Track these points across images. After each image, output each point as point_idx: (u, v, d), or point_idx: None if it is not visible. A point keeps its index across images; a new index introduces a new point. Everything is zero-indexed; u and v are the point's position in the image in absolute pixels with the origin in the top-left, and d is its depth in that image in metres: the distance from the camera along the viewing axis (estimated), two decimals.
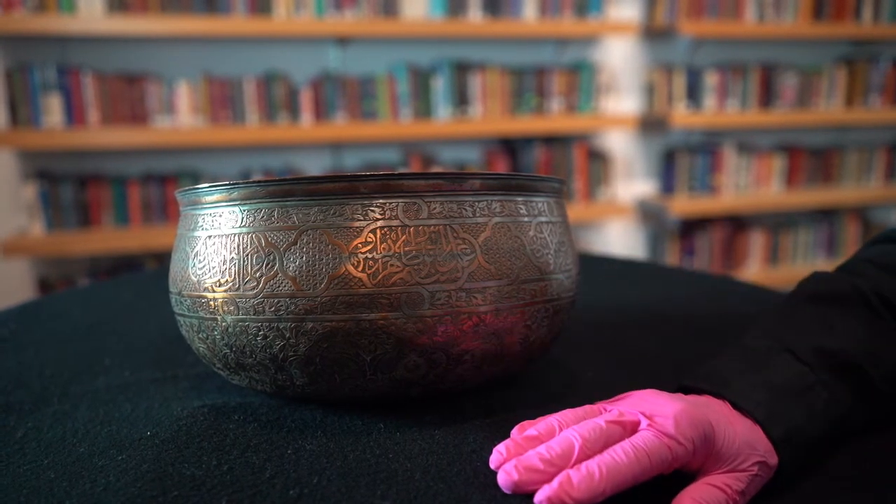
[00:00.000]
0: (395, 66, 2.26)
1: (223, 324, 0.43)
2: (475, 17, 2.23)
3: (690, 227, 2.60)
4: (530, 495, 0.34)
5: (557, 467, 0.34)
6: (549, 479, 0.34)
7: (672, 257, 2.60)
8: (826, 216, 2.74)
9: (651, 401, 0.38)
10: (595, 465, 0.33)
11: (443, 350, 0.42)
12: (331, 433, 0.43)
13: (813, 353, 0.41)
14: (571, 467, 0.34)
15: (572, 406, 0.40)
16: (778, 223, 2.69)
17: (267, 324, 0.42)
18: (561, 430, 0.38)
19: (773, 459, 0.37)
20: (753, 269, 2.64)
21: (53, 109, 1.98)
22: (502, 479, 0.35)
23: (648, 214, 2.65)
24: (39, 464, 0.40)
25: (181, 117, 2.08)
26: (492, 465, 0.37)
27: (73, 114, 2.00)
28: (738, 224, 2.63)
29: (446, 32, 2.18)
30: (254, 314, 0.42)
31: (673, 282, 0.94)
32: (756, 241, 2.64)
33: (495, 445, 0.38)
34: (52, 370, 0.57)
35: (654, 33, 2.50)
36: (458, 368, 0.43)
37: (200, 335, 0.45)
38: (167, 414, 0.46)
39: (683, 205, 2.42)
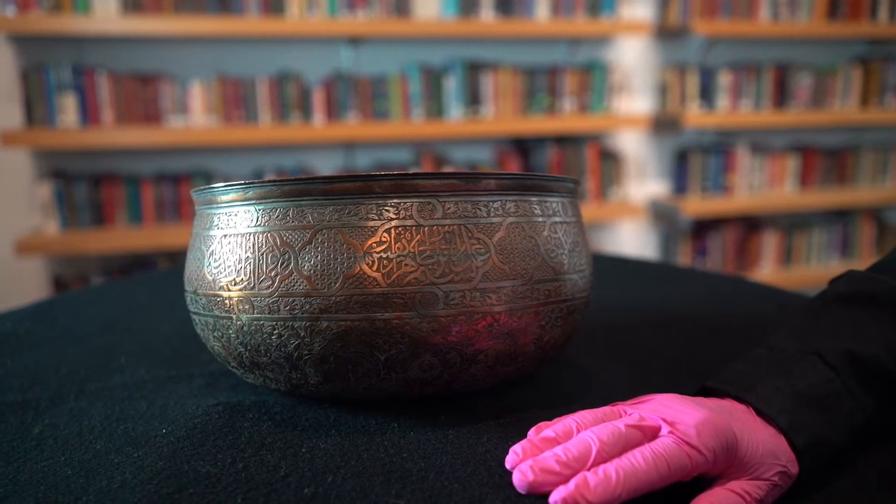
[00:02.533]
0: (407, 65, 2.26)
1: (238, 322, 0.43)
2: (487, 16, 2.23)
3: (703, 228, 2.59)
4: (545, 496, 0.34)
5: (573, 469, 0.34)
6: (564, 481, 0.33)
7: (684, 258, 2.59)
8: (840, 217, 2.72)
9: (673, 406, 0.37)
10: (612, 469, 0.33)
11: (457, 350, 0.42)
12: (345, 432, 0.43)
13: (841, 358, 0.40)
14: (588, 470, 0.34)
15: (587, 406, 0.40)
16: (792, 224, 2.67)
17: (282, 323, 0.42)
18: (579, 431, 0.37)
19: (795, 469, 0.36)
20: (767, 270, 2.62)
21: (68, 109, 2.00)
22: (517, 480, 0.35)
23: (661, 215, 2.64)
24: (56, 460, 0.40)
25: (194, 117, 2.09)
26: (507, 466, 0.37)
27: (88, 113, 2.02)
28: (751, 224, 2.62)
29: (458, 32, 2.18)
30: (269, 313, 0.42)
31: (686, 282, 0.94)
32: (769, 242, 2.63)
33: (509, 445, 0.38)
34: (68, 368, 0.57)
35: (667, 33, 2.49)
36: (471, 368, 0.43)
37: (215, 334, 0.46)
38: (182, 412, 0.47)
39: (696, 205, 2.41)
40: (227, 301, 0.44)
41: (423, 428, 0.43)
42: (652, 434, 0.36)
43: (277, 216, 0.42)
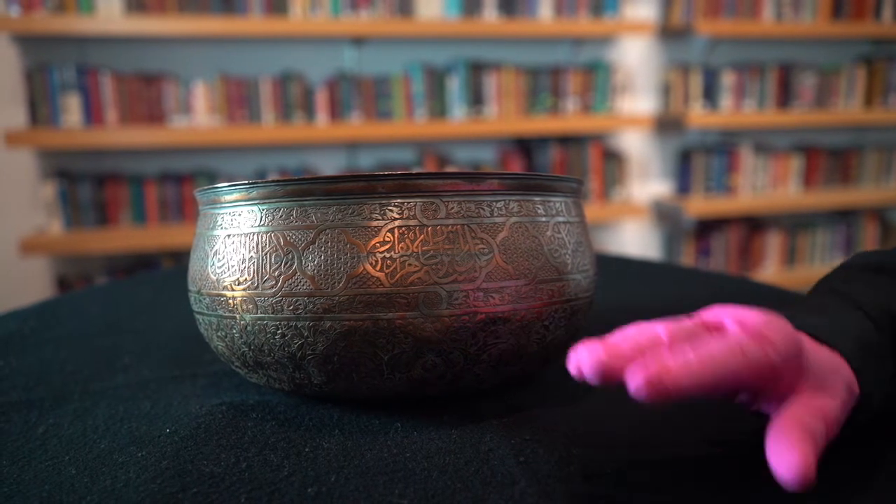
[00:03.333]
0: (410, 65, 2.26)
1: (242, 322, 0.43)
2: (490, 16, 2.23)
3: (706, 228, 2.59)
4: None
5: (644, 356, 0.31)
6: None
7: (688, 258, 2.59)
8: (844, 217, 2.72)
9: (735, 310, 0.35)
10: (690, 352, 0.30)
11: (460, 350, 0.42)
12: (348, 432, 0.43)
13: (885, 316, 0.38)
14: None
15: (591, 407, 0.40)
16: (795, 224, 2.67)
17: (285, 322, 0.42)
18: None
19: (856, 388, 0.34)
20: (770, 271, 2.62)
21: (72, 109, 2.00)
22: (587, 361, 0.30)
23: (664, 215, 2.64)
24: (60, 460, 0.40)
25: (198, 117, 2.10)
26: (570, 367, 0.32)
27: (92, 113, 2.02)
28: (754, 225, 2.61)
29: (461, 32, 2.18)
30: (272, 313, 0.42)
31: (689, 283, 0.94)
32: (773, 242, 2.62)
33: (512, 445, 0.38)
34: (72, 367, 0.58)
35: (670, 33, 2.49)
36: (475, 368, 0.43)
37: (219, 333, 0.46)
38: (186, 411, 0.47)
39: (699, 205, 2.41)
40: (230, 301, 0.44)
41: (427, 428, 0.43)
42: (718, 331, 0.34)
43: (281, 216, 0.42)
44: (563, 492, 0.35)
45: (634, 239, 2.68)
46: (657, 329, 0.33)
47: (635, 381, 0.28)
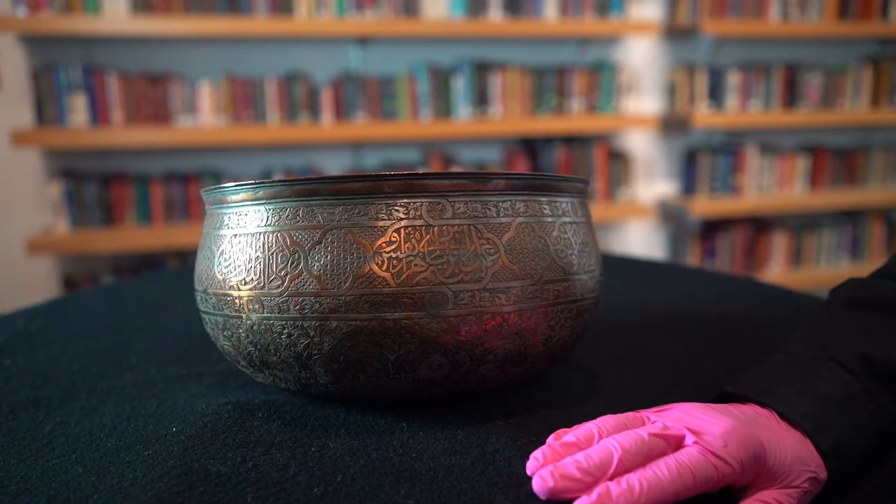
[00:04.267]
0: (415, 65, 2.26)
1: (248, 322, 0.44)
2: (496, 16, 2.23)
3: (712, 228, 2.58)
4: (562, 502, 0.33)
5: (594, 477, 0.33)
6: (585, 489, 0.33)
7: (693, 258, 2.58)
8: (850, 217, 2.71)
9: (698, 416, 0.36)
10: (636, 479, 0.32)
11: (466, 350, 0.42)
12: (354, 431, 0.43)
13: (858, 362, 0.40)
14: (610, 479, 0.33)
15: (596, 407, 0.40)
16: (801, 224, 2.66)
17: (291, 322, 0.42)
18: (601, 437, 0.37)
19: (823, 474, 0.36)
20: (776, 271, 2.61)
21: (78, 109, 2.01)
22: (537, 485, 0.34)
23: (669, 215, 2.63)
24: (68, 458, 0.41)
25: (203, 117, 2.10)
26: (528, 472, 0.36)
27: (98, 113, 2.03)
28: (760, 225, 2.61)
29: (467, 32, 2.18)
30: (278, 312, 0.42)
31: (694, 283, 0.93)
32: (779, 243, 2.61)
33: (518, 445, 0.38)
34: (79, 366, 0.58)
35: (676, 33, 2.48)
36: (481, 368, 0.43)
37: (225, 333, 0.46)
38: (192, 410, 0.47)
39: (705, 205, 2.40)
40: (237, 300, 0.44)
41: (432, 428, 0.43)
42: (676, 444, 0.35)
43: (287, 216, 0.43)
44: None
45: (639, 239, 2.67)
46: (611, 448, 0.34)
47: None
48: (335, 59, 2.27)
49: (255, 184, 0.43)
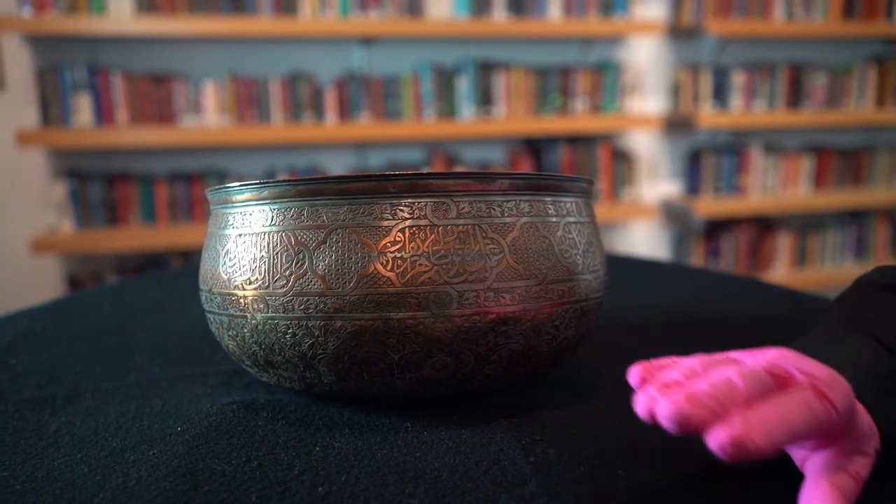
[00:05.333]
0: (419, 65, 2.26)
1: (253, 321, 0.44)
2: (500, 16, 2.23)
3: (716, 228, 2.58)
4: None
5: (724, 407, 0.30)
6: (714, 419, 0.29)
7: (697, 258, 2.58)
8: (855, 218, 2.70)
9: (800, 359, 0.34)
10: (771, 412, 0.29)
11: (470, 350, 0.42)
12: (358, 431, 0.43)
13: None
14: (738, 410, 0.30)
15: (601, 407, 0.40)
16: (806, 225, 2.65)
17: (296, 322, 0.42)
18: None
19: (878, 443, 0.35)
20: (780, 272, 2.61)
21: (83, 109, 2.02)
22: (667, 409, 0.29)
23: (673, 215, 2.63)
24: (73, 457, 0.41)
25: (207, 117, 2.10)
26: (639, 410, 0.32)
27: (103, 113, 2.03)
28: (764, 225, 2.60)
29: (471, 32, 2.18)
30: (283, 312, 0.42)
31: (699, 283, 0.93)
32: (783, 243, 2.61)
33: (523, 445, 0.38)
34: (83, 365, 0.58)
35: (680, 33, 2.48)
36: (485, 368, 0.43)
37: (230, 332, 0.46)
38: (197, 410, 0.47)
39: (709, 206, 2.40)
40: (241, 300, 0.44)
41: (437, 427, 0.43)
42: (783, 384, 0.33)
43: (292, 216, 0.43)
44: (574, 492, 0.35)
45: (643, 239, 2.67)
46: (732, 378, 0.31)
47: (719, 441, 0.28)
48: (339, 59, 2.27)
49: (259, 184, 0.43)
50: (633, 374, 0.35)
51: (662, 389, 0.31)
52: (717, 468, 0.37)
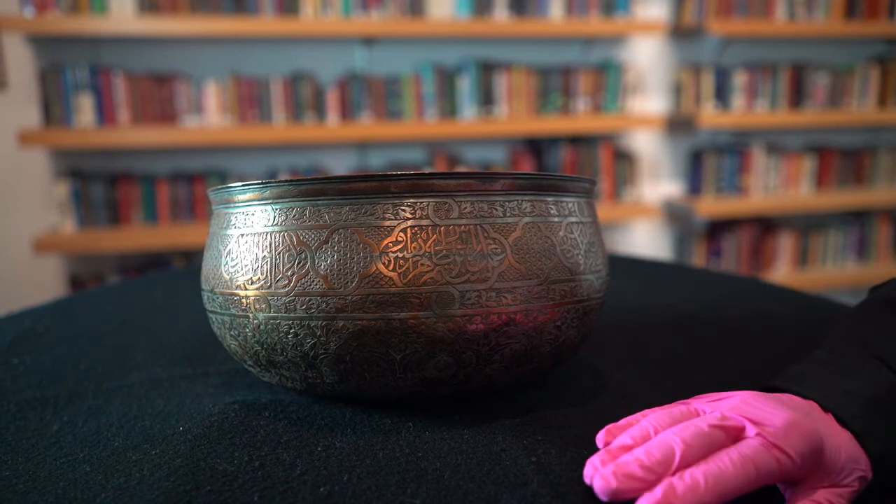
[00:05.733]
0: (420, 65, 2.26)
1: (255, 321, 0.44)
2: (501, 16, 2.23)
3: (718, 229, 2.57)
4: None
5: (657, 475, 0.32)
6: (648, 488, 0.32)
7: (699, 259, 2.57)
8: (857, 218, 2.70)
9: (757, 406, 0.35)
10: (700, 474, 0.31)
11: (472, 350, 0.42)
12: (360, 431, 0.43)
13: None
14: (672, 475, 0.32)
15: (602, 407, 0.40)
16: (807, 225, 2.65)
17: (298, 322, 0.42)
18: (656, 433, 0.36)
19: (870, 474, 0.35)
20: (782, 272, 2.60)
21: (85, 109, 2.02)
22: (599, 486, 0.33)
23: (675, 215, 2.62)
24: (75, 457, 0.41)
25: (209, 117, 2.11)
26: (586, 479, 0.35)
27: (105, 113, 2.04)
28: (766, 225, 2.60)
29: (472, 32, 2.18)
30: (285, 312, 0.42)
31: (700, 283, 0.93)
32: (785, 243, 2.61)
33: (524, 445, 0.38)
34: (85, 365, 0.58)
35: (682, 33, 2.48)
36: (487, 368, 0.43)
37: (232, 332, 0.46)
38: (199, 410, 0.47)
39: (710, 206, 2.40)
40: (243, 300, 0.44)
41: (439, 427, 0.43)
42: (735, 435, 0.34)
43: (294, 215, 0.43)
44: (576, 492, 0.35)
45: (645, 239, 2.67)
46: (672, 443, 0.33)
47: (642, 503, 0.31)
48: (341, 59, 2.27)
49: (261, 183, 0.43)
50: (599, 437, 0.38)
51: (605, 459, 0.35)
52: None
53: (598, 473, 0.33)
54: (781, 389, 0.40)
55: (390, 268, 0.41)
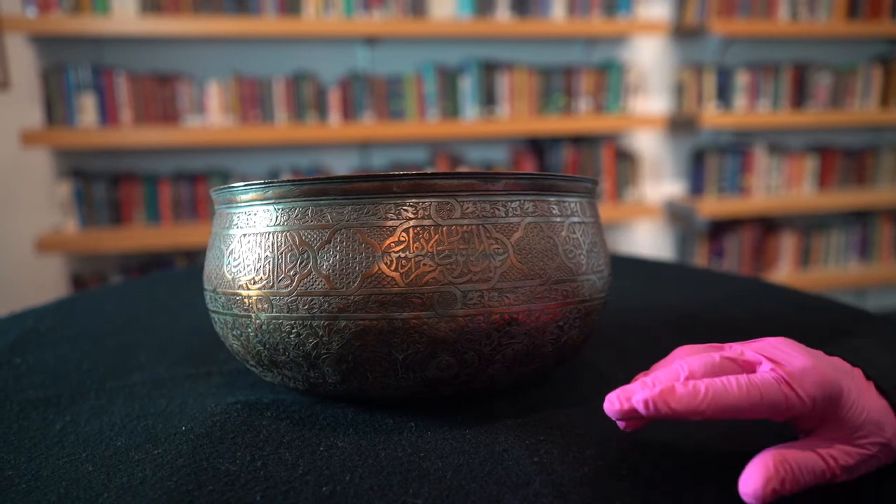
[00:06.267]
0: (422, 65, 2.26)
1: (257, 321, 0.44)
2: (503, 16, 2.23)
3: (720, 229, 2.57)
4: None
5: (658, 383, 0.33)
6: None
7: (701, 259, 2.57)
8: (859, 218, 2.69)
9: (782, 349, 0.35)
10: (702, 384, 0.32)
11: (475, 350, 0.42)
12: (363, 431, 0.43)
13: None
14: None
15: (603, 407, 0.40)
16: (810, 225, 2.65)
17: (300, 322, 0.42)
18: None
19: (895, 444, 0.34)
20: (784, 272, 2.60)
21: (88, 109, 2.02)
22: (607, 408, 0.35)
23: (677, 215, 2.62)
24: (78, 456, 0.41)
25: (211, 117, 2.11)
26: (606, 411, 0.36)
27: (107, 113, 2.04)
28: (768, 225, 2.60)
29: (474, 32, 2.18)
30: (287, 312, 0.42)
31: (702, 283, 0.93)
32: (787, 243, 2.60)
33: (527, 445, 0.38)
34: (88, 365, 0.58)
35: (684, 32, 2.47)
36: (489, 368, 0.43)
37: (234, 332, 0.46)
38: (201, 410, 0.47)
39: (712, 206, 2.39)
40: (246, 300, 0.44)
41: (441, 427, 0.43)
42: (749, 369, 0.35)
43: (296, 215, 0.43)
44: (578, 492, 0.35)
45: (647, 239, 2.66)
46: (678, 368, 0.34)
47: (636, 400, 0.32)
48: (343, 59, 2.27)
49: (264, 183, 0.43)
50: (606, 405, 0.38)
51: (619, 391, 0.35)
52: (720, 468, 0.37)
53: (606, 397, 0.34)
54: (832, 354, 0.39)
55: (392, 268, 0.41)
